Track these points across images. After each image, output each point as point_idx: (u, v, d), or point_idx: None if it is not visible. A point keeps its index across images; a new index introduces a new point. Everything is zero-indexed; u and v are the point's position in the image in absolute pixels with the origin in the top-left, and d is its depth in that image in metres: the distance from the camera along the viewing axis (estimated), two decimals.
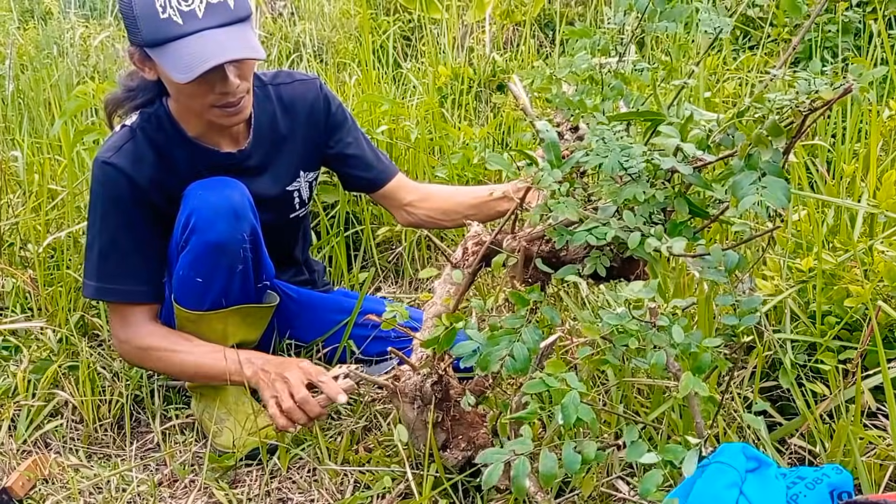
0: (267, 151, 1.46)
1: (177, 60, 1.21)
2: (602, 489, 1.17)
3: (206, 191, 1.32)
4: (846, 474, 0.96)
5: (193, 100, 1.30)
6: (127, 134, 1.36)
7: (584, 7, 3.29)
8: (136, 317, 1.39)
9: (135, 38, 1.25)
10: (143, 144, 1.36)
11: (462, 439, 1.15)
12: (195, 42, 1.21)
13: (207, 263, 1.31)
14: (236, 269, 1.33)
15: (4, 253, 1.95)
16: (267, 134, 1.46)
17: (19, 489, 1.28)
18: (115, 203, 1.34)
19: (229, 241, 1.30)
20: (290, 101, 1.49)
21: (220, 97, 1.28)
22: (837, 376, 1.20)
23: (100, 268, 1.37)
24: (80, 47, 3.45)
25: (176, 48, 1.21)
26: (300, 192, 1.54)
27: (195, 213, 1.29)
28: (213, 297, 1.34)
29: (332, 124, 1.54)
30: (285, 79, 1.50)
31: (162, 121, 1.38)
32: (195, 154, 1.39)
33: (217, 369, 1.35)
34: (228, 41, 1.23)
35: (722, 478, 0.93)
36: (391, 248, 2.05)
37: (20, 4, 4.46)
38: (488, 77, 2.74)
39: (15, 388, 1.51)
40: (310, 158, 1.53)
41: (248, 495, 1.29)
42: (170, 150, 1.38)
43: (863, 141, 1.78)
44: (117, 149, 1.34)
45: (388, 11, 3.67)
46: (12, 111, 2.89)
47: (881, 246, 1.29)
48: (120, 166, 1.33)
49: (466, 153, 2.03)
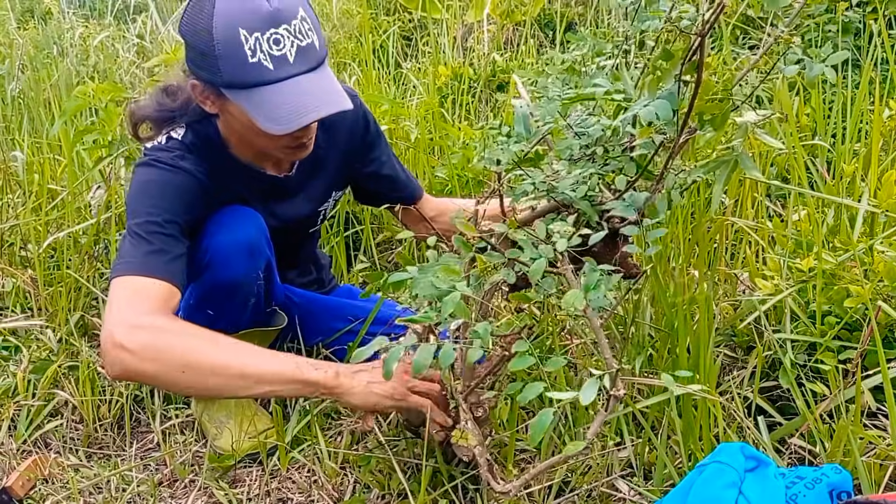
0: (306, 173, 1.43)
1: (268, 109, 1.13)
2: (602, 489, 1.17)
3: (223, 226, 1.27)
4: (845, 474, 0.96)
5: (267, 141, 1.23)
6: (181, 147, 1.27)
7: (585, 7, 3.29)
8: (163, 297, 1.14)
9: (211, 77, 1.15)
10: (198, 160, 1.27)
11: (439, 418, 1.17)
12: (288, 91, 1.13)
13: (220, 300, 1.29)
14: (249, 302, 1.32)
15: (4, 253, 1.96)
16: (308, 158, 1.37)
17: (19, 489, 1.28)
18: (177, 197, 1.22)
19: (244, 281, 1.28)
20: (330, 120, 1.36)
21: (296, 139, 1.23)
22: (837, 376, 1.20)
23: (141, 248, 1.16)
24: (80, 47, 3.45)
25: (266, 95, 1.13)
26: (326, 211, 1.53)
27: (210, 250, 1.25)
28: (222, 325, 1.29)
29: (369, 144, 1.50)
30: None
31: (212, 141, 1.30)
32: (244, 176, 1.34)
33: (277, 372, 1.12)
34: (321, 91, 1.16)
35: (721, 477, 0.93)
36: (391, 248, 2.05)
37: (20, 4, 4.46)
38: (488, 77, 2.74)
39: (15, 387, 1.51)
40: (342, 178, 1.51)
41: (247, 495, 1.29)
42: (221, 170, 1.30)
43: (863, 141, 1.78)
44: (178, 158, 1.25)
45: (388, 11, 3.67)
46: (12, 111, 2.90)
47: (881, 246, 1.29)
48: (188, 169, 1.24)
49: (466, 153, 2.03)
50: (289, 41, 1.12)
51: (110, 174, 1.91)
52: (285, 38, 1.12)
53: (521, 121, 1.08)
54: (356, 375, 1.15)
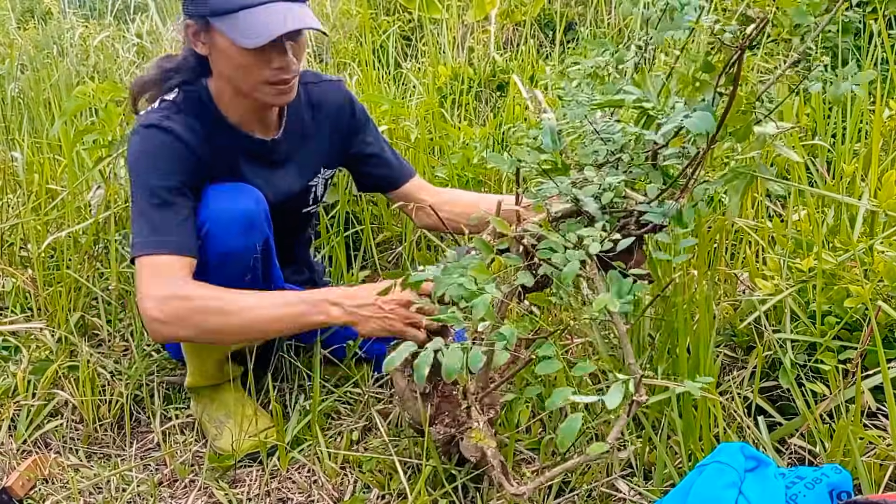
0: (295, 144, 1.48)
1: (245, 28, 1.23)
2: (602, 489, 1.17)
3: (222, 198, 1.31)
4: (845, 474, 0.96)
5: (248, 74, 1.29)
6: (172, 107, 1.34)
7: (585, 7, 3.29)
8: (183, 271, 1.25)
9: (199, 8, 1.27)
10: (188, 117, 1.33)
11: (447, 416, 1.18)
12: (264, 12, 1.24)
13: (216, 271, 1.29)
14: (244, 278, 1.32)
15: (4, 253, 1.95)
16: (296, 128, 1.47)
17: (19, 489, 1.28)
18: (170, 158, 1.29)
19: (241, 253, 1.30)
20: (317, 101, 1.51)
21: (275, 73, 1.29)
22: (837, 376, 1.20)
23: (148, 226, 1.26)
24: (80, 47, 3.45)
25: (244, 16, 1.24)
26: (316, 189, 1.56)
27: (209, 222, 1.28)
28: None
29: (355, 126, 1.56)
30: (312, 79, 1.52)
31: (203, 101, 1.37)
32: (233, 137, 1.39)
33: (294, 315, 1.24)
34: (294, 13, 1.25)
35: (721, 477, 0.93)
36: (391, 248, 2.05)
37: (20, 4, 4.46)
38: (488, 77, 2.74)
39: (15, 388, 1.51)
40: (331, 157, 1.55)
41: (247, 495, 1.29)
42: (211, 130, 1.36)
43: (863, 141, 1.78)
44: (166, 118, 1.31)
45: (388, 11, 3.67)
46: (12, 111, 2.89)
47: (881, 246, 1.29)
48: (175, 130, 1.30)
49: (466, 153, 2.03)
50: None
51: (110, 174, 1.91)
52: None
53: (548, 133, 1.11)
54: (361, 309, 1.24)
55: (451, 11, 3.16)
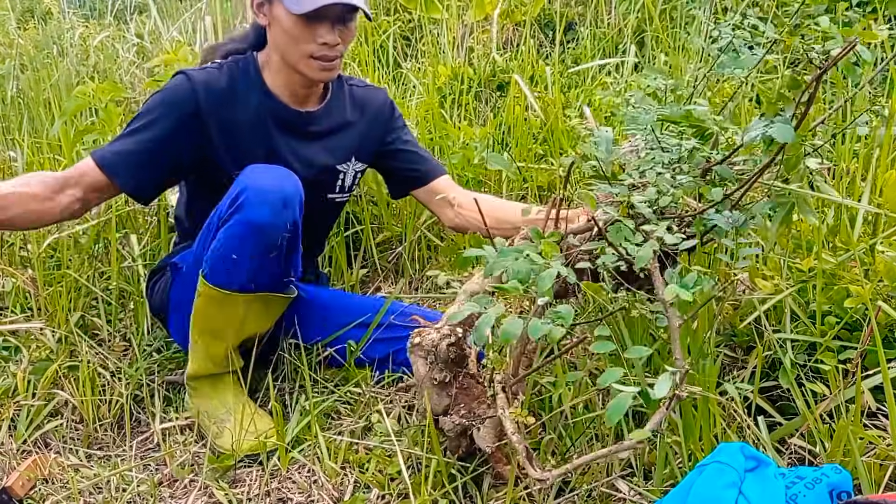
0: (331, 126, 1.56)
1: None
2: (602, 489, 1.17)
3: (262, 174, 1.35)
4: (845, 474, 0.96)
5: (296, 45, 1.40)
6: (214, 65, 1.49)
7: (584, 7, 3.29)
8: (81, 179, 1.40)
9: None
10: (223, 76, 1.47)
11: (463, 407, 1.18)
12: None
13: (244, 242, 1.33)
14: (270, 254, 1.35)
15: (4, 253, 1.95)
16: (335, 113, 1.56)
17: (19, 489, 1.28)
18: (170, 107, 1.42)
19: (271, 227, 1.32)
20: (360, 99, 1.61)
21: (320, 48, 1.40)
22: (837, 376, 1.20)
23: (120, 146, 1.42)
24: (80, 47, 3.45)
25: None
26: (345, 177, 1.60)
27: (245, 192, 1.32)
28: (243, 277, 1.36)
29: (393, 125, 1.66)
30: (359, 82, 1.64)
31: (248, 66, 1.49)
32: (266, 102, 1.49)
33: None
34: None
35: (721, 477, 0.93)
36: (391, 248, 2.05)
37: (20, 4, 4.46)
38: (488, 77, 2.74)
39: (15, 387, 1.51)
40: (364, 149, 1.62)
41: (247, 495, 1.29)
42: (244, 90, 1.47)
43: (863, 141, 1.78)
44: (199, 69, 1.47)
45: (387, 11, 3.67)
46: (12, 111, 2.89)
47: (881, 246, 1.29)
48: (194, 78, 1.43)
49: (466, 153, 2.03)
50: None
51: None
52: None
53: (604, 142, 1.19)
54: None
55: (450, 11, 3.16)
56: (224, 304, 1.38)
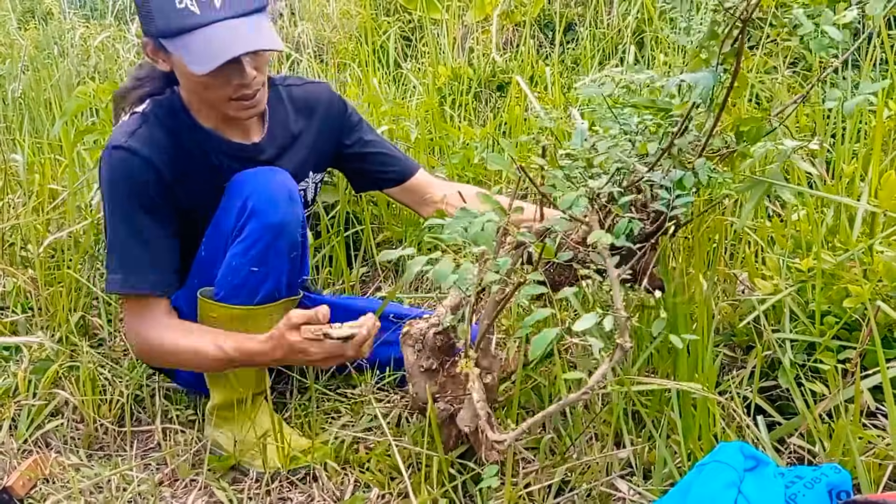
0: (279, 149, 1.44)
1: (194, 52, 1.19)
2: (601, 488, 1.17)
3: (260, 176, 1.30)
4: (845, 473, 0.96)
5: (210, 92, 1.27)
6: (138, 119, 1.32)
7: (584, 7, 3.29)
8: (156, 311, 1.31)
9: (149, 28, 1.23)
10: (156, 129, 1.31)
11: (450, 394, 1.19)
12: (213, 33, 1.19)
13: (266, 248, 1.27)
14: (293, 254, 1.30)
15: (5, 253, 1.96)
16: (280, 132, 1.45)
17: (20, 488, 1.29)
18: (134, 187, 1.28)
19: (290, 223, 1.28)
20: (303, 101, 1.49)
21: (237, 89, 1.26)
22: (836, 376, 1.20)
23: (124, 258, 1.29)
24: (81, 48, 3.45)
25: (193, 39, 1.19)
26: (306, 192, 1.53)
27: (252, 197, 1.26)
28: (269, 287, 1.30)
29: (349, 124, 1.54)
30: (296, 81, 1.50)
31: (175, 108, 1.35)
32: (208, 142, 1.36)
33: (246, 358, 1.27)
34: (247, 32, 1.21)
35: (720, 477, 0.93)
36: (391, 248, 2.05)
37: (21, 4, 4.47)
38: (488, 77, 2.74)
39: (16, 387, 1.51)
40: (321, 159, 1.53)
41: (248, 494, 1.29)
42: (183, 137, 1.34)
43: (862, 141, 1.78)
44: (131, 133, 1.29)
45: (388, 12, 3.67)
46: (13, 111, 2.90)
47: (880, 246, 1.29)
48: (137, 149, 1.27)
49: (466, 153, 2.04)
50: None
51: None
52: None
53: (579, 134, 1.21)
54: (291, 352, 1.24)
55: (450, 12, 3.17)
56: (247, 321, 1.30)
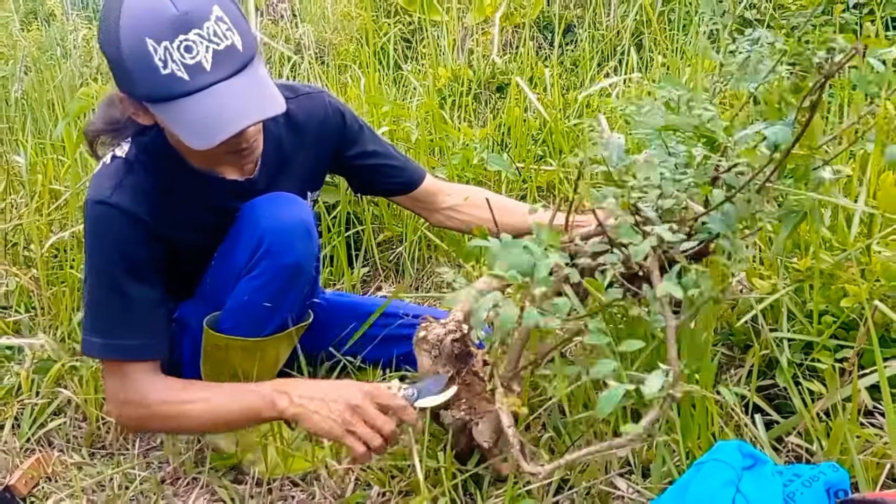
0: (273, 176, 1.35)
1: (188, 123, 1.06)
2: (600, 487, 1.18)
3: (276, 209, 1.22)
4: (843, 472, 0.97)
5: (201, 156, 1.20)
6: (122, 167, 1.20)
7: (583, 9, 3.30)
8: (142, 374, 1.21)
9: (129, 88, 1.08)
10: (144, 177, 1.20)
11: (465, 403, 1.18)
12: (207, 101, 1.05)
13: (282, 287, 1.23)
14: (305, 289, 1.27)
15: (8, 253, 1.97)
16: (273, 159, 1.34)
17: (22, 487, 1.29)
18: (117, 247, 1.17)
19: (306, 262, 1.23)
20: (295, 119, 1.37)
21: (233, 146, 1.17)
22: (834, 375, 1.21)
23: (103, 321, 1.19)
24: (83, 49, 3.47)
25: (185, 108, 1.05)
26: None
27: (268, 236, 1.20)
28: (278, 321, 1.27)
29: (350, 136, 1.45)
30: (289, 94, 1.33)
31: (163, 152, 1.23)
32: (201, 183, 1.26)
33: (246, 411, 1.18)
34: (246, 96, 1.08)
35: (718, 476, 0.94)
36: (391, 247, 2.06)
37: (24, 6, 4.48)
38: (488, 79, 2.75)
39: (18, 386, 1.52)
40: (318, 178, 1.46)
41: (249, 493, 1.30)
42: (176, 183, 1.24)
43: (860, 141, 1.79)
44: (115, 187, 1.17)
45: (388, 14, 3.68)
46: (16, 112, 2.91)
47: (878, 246, 1.30)
48: (122, 206, 1.16)
49: (466, 154, 2.04)
50: (202, 46, 1.03)
51: None
52: (198, 44, 1.03)
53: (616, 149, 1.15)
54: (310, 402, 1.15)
55: (450, 14, 3.18)
56: (254, 351, 1.27)
